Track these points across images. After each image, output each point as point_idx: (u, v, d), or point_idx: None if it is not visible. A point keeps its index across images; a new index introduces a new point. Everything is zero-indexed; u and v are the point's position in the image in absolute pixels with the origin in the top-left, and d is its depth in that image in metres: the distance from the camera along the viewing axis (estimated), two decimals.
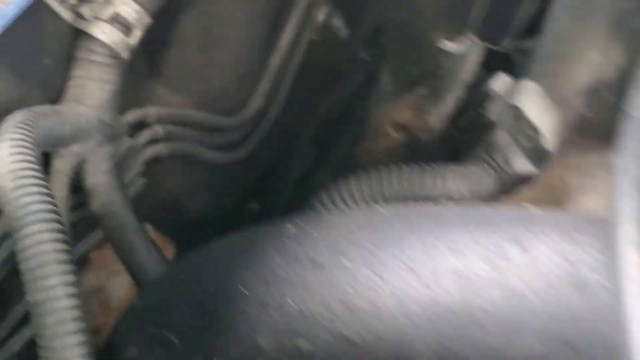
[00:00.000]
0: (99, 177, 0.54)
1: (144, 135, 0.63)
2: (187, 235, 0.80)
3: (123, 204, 0.54)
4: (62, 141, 0.50)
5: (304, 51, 0.79)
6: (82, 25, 0.52)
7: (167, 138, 0.67)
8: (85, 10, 0.52)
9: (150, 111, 0.63)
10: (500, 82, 0.53)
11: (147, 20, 0.55)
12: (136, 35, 0.55)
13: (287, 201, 1.00)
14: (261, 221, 0.45)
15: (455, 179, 0.50)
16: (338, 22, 0.87)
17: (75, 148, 0.52)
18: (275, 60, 0.75)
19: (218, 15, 0.68)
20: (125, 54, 0.54)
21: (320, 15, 0.81)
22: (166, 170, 0.70)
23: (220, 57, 0.72)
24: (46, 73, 0.52)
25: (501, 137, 0.51)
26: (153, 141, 0.65)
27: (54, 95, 0.53)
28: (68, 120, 0.50)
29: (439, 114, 0.43)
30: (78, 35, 0.53)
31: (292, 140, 0.96)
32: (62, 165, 0.51)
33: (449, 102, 0.42)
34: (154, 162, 0.65)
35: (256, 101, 0.75)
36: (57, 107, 0.52)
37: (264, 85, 0.76)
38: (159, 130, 0.65)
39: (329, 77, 1.02)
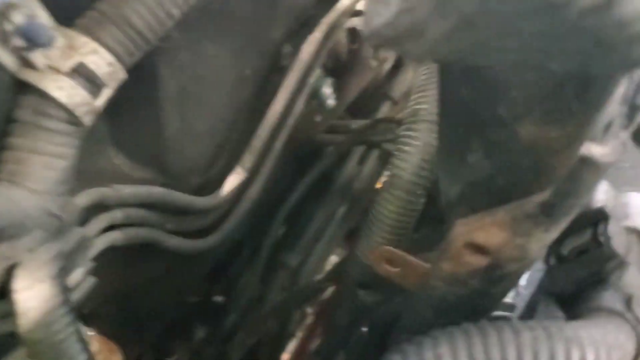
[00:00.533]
0: (32, 291, 0.38)
1: (99, 222, 0.48)
2: (140, 333, 0.64)
3: (64, 331, 0.38)
4: None
5: (295, 122, 0.66)
6: (30, 77, 0.37)
7: (125, 224, 0.51)
8: (37, 57, 0.37)
9: (109, 192, 0.48)
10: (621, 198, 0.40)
11: (121, 75, 0.41)
12: (105, 95, 0.40)
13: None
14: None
15: (592, 344, 0.34)
16: (327, 90, 0.76)
17: (3, 248, 0.37)
18: (263, 132, 0.61)
19: (200, 74, 0.54)
20: (87, 120, 0.40)
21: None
22: (119, 259, 0.55)
23: (198, 124, 0.58)
24: None
25: (634, 278, 0.38)
26: (108, 228, 0.50)
27: None
28: None
29: (544, 239, 0.31)
30: (24, 90, 0.38)
31: (265, 220, 0.82)
32: None
33: (564, 224, 0.30)
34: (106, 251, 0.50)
35: (236, 178, 0.61)
36: None
37: (247, 159, 0.61)
38: (117, 215, 0.50)
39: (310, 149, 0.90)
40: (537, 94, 0.34)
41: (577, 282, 0.37)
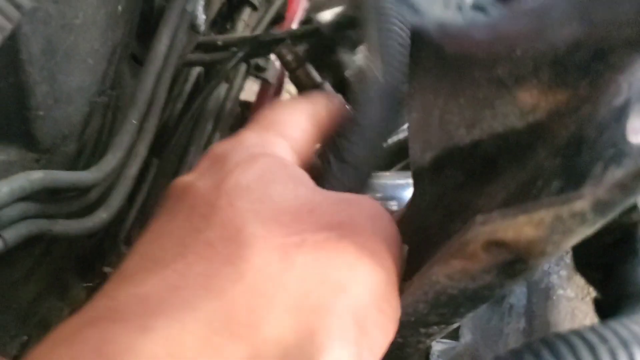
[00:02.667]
0: None
1: None
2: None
3: None
4: None
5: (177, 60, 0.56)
6: None
7: (4, 226, 0.41)
8: None
9: None
10: None
11: None
12: None
13: None
14: None
15: None
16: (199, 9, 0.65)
17: None
18: (148, 81, 0.51)
19: (68, 22, 0.42)
20: None
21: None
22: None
23: (69, 81, 0.46)
24: None
25: None
26: None
27: None
28: None
29: (586, 234, 0.27)
30: None
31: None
32: None
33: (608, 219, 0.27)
34: None
35: (124, 138, 0.51)
36: None
37: (134, 115, 0.51)
38: None
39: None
40: (549, 54, 0.29)
41: (604, 253, 0.34)
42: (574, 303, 0.37)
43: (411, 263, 0.33)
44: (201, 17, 0.62)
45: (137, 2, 0.51)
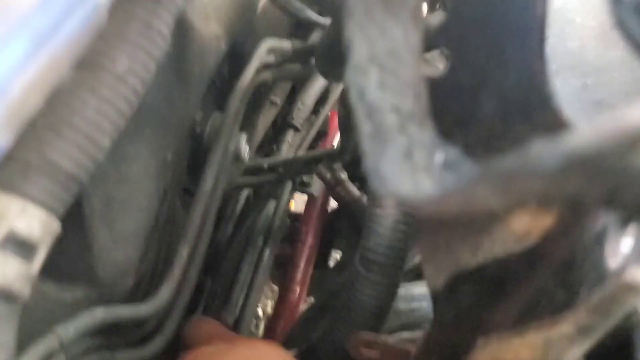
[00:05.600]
0: None
1: None
2: None
3: None
4: None
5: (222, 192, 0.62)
6: None
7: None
8: None
9: (52, 343, 0.41)
10: None
11: (55, 227, 0.35)
12: (41, 255, 0.34)
13: None
14: None
15: None
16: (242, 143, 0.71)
17: None
18: (196, 217, 0.56)
19: (123, 178, 0.49)
20: (25, 291, 0.33)
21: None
22: None
23: (126, 226, 0.52)
24: None
25: None
26: None
27: None
28: None
29: (579, 353, 0.30)
30: None
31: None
32: None
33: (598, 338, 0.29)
34: None
35: (175, 270, 0.56)
36: None
37: (182, 249, 0.56)
38: (62, 358, 0.43)
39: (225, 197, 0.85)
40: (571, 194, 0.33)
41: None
42: None
43: None
44: (244, 150, 0.68)
45: (184, 148, 0.58)
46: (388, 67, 0.27)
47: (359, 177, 0.90)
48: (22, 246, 0.32)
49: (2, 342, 0.32)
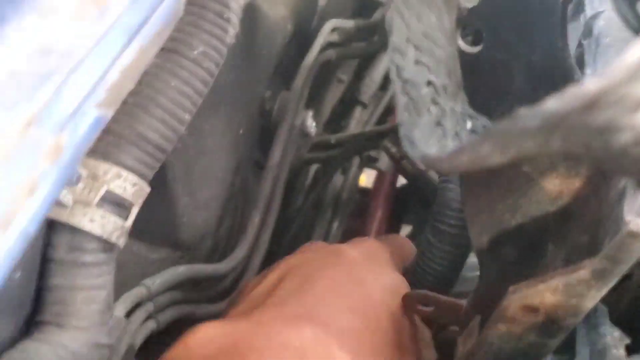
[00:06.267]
0: None
1: (136, 321, 0.48)
2: None
3: None
4: None
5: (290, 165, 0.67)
6: (60, 216, 0.37)
7: (158, 311, 0.52)
8: (64, 195, 0.37)
9: (142, 292, 0.48)
10: None
11: (146, 190, 0.41)
12: (133, 214, 0.40)
13: None
14: None
15: None
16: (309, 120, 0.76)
17: None
18: (265, 188, 0.62)
19: (201, 150, 0.55)
20: (121, 242, 0.40)
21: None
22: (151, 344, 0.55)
23: (205, 193, 0.58)
24: (15, 289, 0.36)
25: None
26: (143, 321, 0.50)
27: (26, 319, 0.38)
28: None
29: (598, 296, 0.33)
30: (55, 229, 0.38)
31: None
32: None
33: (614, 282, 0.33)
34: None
35: (249, 233, 0.62)
36: (31, 345, 0.36)
37: (255, 215, 0.62)
38: (150, 308, 0.50)
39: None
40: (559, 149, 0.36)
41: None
42: None
43: None
44: (311, 126, 0.73)
45: (254, 124, 0.64)
46: (423, 47, 0.31)
47: None
48: (117, 205, 0.38)
49: (103, 283, 0.39)
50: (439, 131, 0.29)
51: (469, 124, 0.30)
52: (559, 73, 0.32)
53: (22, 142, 0.26)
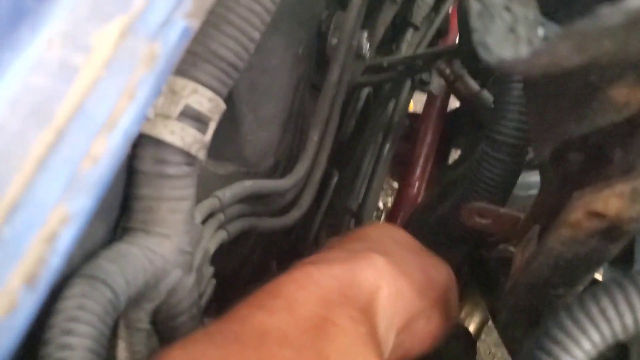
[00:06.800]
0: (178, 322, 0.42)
1: (209, 230, 0.51)
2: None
3: None
4: (133, 298, 0.38)
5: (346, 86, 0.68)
6: (143, 128, 0.40)
7: (228, 221, 0.55)
8: None
9: (215, 203, 0.51)
10: None
11: (222, 106, 0.43)
12: (212, 128, 0.43)
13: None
14: None
15: None
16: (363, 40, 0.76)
17: (146, 303, 0.40)
18: (323, 107, 0.63)
19: (264, 68, 0.56)
20: (201, 155, 0.42)
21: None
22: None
23: (267, 111, 0.60)
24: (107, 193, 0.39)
25: None
26: (215, 230, 0.53)
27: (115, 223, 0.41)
28: (139, 265, 0.38)
29: None
30: (139, 141, 0.40)
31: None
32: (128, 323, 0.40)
33: None
34: None
35: (309, 151, 0.64)
36: (123, 246, 0.39)
37: (314, 133, 0.64)
38: (221, 218, 0.53)
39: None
40: (632, 60, 0.36)
41: None
42: None
43: None
44: (365, 47, 0.74)
45: (313, 44, 0.64)
46: None
47: (479, 72, 0.92)
48: (196, 119, 0.41)
49: (186, 195, 0.41)
50: (512, 37, 0.30)
51: (541, 31, 0.31)
52: None
53: (120, 51, 0.28)
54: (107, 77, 0.27)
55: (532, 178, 0.75)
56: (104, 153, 0.25)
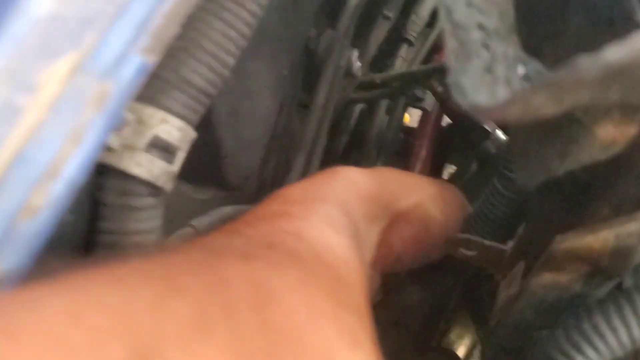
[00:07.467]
0: None
1: None
2: None
3: None
4: None
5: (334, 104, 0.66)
6: (108, 159, 0.38)
7: None
8: (111, 138, 0.37)
9: (190, 231, 0.49)
10: None
11: (191, 135, 0.41)
12: (180, 158, 0.41)
13: None
14: None
15: None
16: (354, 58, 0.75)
17: None
18: (310, 130, 0.62)
19: (245, 91, 0.54)
20: (168, 186, 0.40)
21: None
22: None
23: (249, 134, 0.58)
24: (69, 231, 0.37)
25: None
26: None
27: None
28: None
29: None
30: (104, 172, 0.38)
31: None
32: None
33: None
34: None
35: (293, 175, 0.62)
36: None
37: (300, 156, 0.62)
38: None
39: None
40: (616, 101, 0.34)
41: None
42: None
43: None
44: (356, 65, 0.72)
45: (298, 64, 0.63)
46: None
47: None
48: (164, 150, 0.39)
49: (151, 227, 0.40)
50: (489, 78, 0.28)
51: (521, 69, 0.29)
52: (619, 13, 0.30)
53: (67, 90, 0.26)
54: (51, 119, 0.25)
55: None
56: (43, 205, 0.23)
